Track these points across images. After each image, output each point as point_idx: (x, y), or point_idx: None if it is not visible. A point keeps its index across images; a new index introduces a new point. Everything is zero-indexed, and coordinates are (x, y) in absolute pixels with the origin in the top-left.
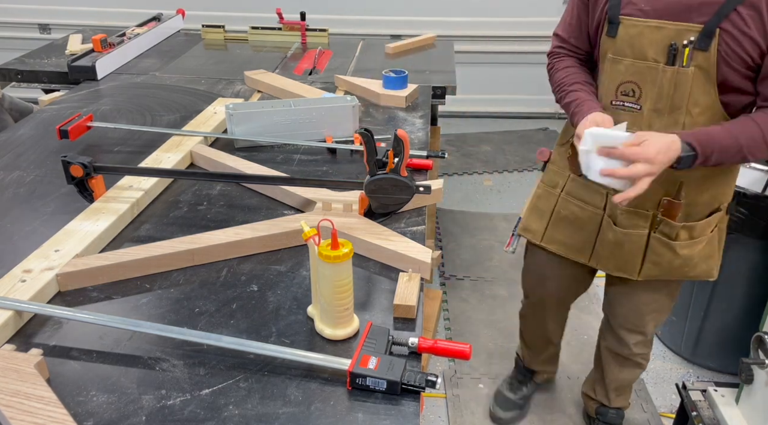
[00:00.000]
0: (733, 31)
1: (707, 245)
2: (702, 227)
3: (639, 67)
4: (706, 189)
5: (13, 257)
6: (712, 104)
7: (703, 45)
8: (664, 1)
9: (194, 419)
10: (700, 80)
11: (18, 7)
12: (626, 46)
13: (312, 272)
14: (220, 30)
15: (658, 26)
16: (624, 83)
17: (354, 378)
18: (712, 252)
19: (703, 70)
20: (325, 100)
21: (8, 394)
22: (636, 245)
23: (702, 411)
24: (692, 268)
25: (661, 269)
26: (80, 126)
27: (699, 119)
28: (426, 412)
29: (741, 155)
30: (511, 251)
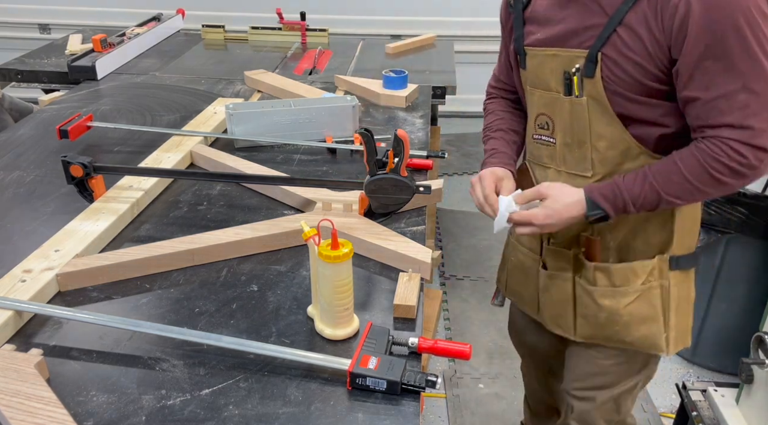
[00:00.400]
0: (614, 55)
1: (643, 304)
2: (624, 274)
3: (547, 99)
4: (641, 230)
5: (13, 257)
6: (619, 138)
7: (588, 72)
8: (556, 28)
9: (194, 419)
10: (597, 111)
11: (18, 7)
12: (534, 77)
13: (312, 272)
14: (220, 30)
15: (554, 54)
16: (539, 116)
17: (354, 378)
18: (653, 315)
19: (596, 99)
20: (325, 100)
21: (8, 394)
22: (563, 292)
23: (702, 411)
24: (625, 329)
25: (592, 326)
26: (80, 126)
27: (608, 154)
28: (426, 412)
29: (666, 201)
30: (498, 304)
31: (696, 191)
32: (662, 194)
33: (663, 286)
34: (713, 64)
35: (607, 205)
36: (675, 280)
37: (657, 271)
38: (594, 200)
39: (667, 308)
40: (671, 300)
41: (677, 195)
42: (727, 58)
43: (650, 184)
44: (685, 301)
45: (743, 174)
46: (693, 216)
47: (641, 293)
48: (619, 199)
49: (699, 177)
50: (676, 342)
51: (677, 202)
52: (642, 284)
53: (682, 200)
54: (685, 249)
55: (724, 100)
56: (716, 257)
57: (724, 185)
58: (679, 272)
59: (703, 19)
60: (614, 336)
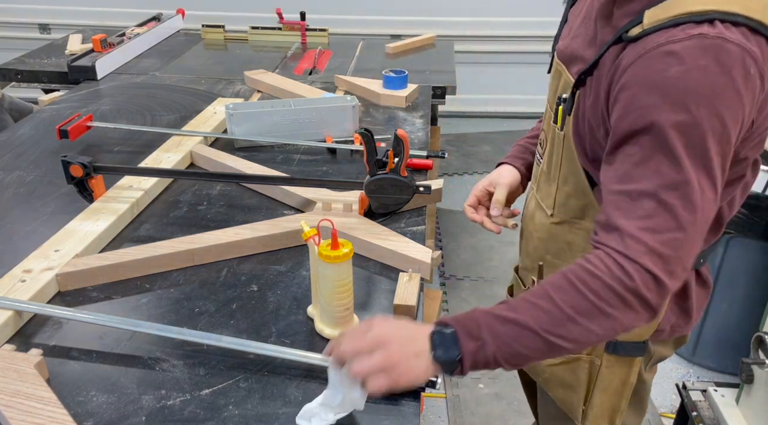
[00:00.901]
0: (583, 99)
1: (565, 370)
2: None
3: (546, 116)
4: None
5: (13, 257)
6: (582, 192)
7: (568, 108)
8: (570, 43)
9: (194, 419)
10: (568, 152)
11: (18, 7)
12: (549, 85)
13: (312, 273)
14: (220, 30)
15: (559, 71)
16: (542, 131)
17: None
18: (573, 384)
19: (568, 141)
20: (325, 100)
21: (8, 394)
22: None
23: (702, 411)
24: (545, 383)
25: (532, 368)
26: (80, 126)
27: (570, 202)
28: (426, 412)
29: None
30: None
31: (571, 324)
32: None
33: (592, 363)
34: (632, 152)
35: (457, 325)
36: (608, 362)
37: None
38: (443, 320)
39: (592, 385)
40: (599, 380)
41: (550, 330)
42: (647, 152)
43: (510, 320)
44: (620, 384)
45: (628, 304)
46: None
47: (565, 361)
48: (473, 323)
49: (571, 302)
50: (597, 419)
51: (555, 341)
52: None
53: (560, 337)
54: (630, 337)
55: (628, 200)
56: (716, 258)
57: (605, 316)
58: (615, 357)
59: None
60: (543, 381)
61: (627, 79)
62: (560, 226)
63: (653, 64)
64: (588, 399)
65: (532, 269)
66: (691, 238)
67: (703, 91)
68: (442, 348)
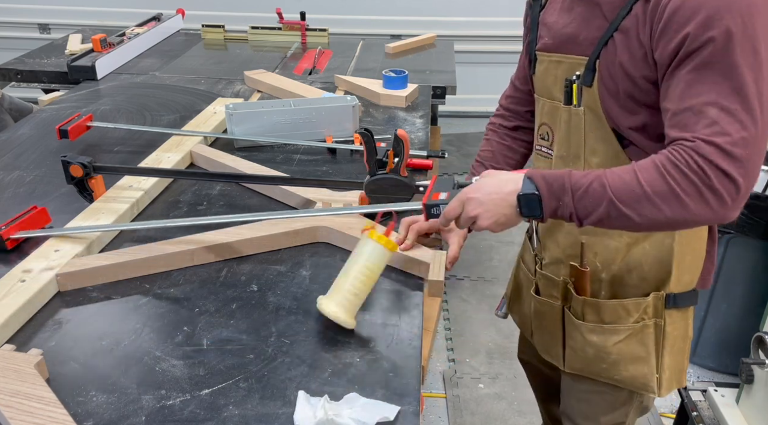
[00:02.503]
0: (610, 64)
1: (634, 343)
2: (615, 311)
3: (549, 108)
4: (636, 265)
5: (12, 257)
6: (613, 156)
7: (587, 80)
8: (561, 33)
9: (194, 419)
10: (593, 123)
11: (18, 7)
12: (540, 84)
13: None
14: (220, 30)
15: (558, 61)
16: (542, 126)
17: (429, 209)
18: (644, 355)
19: (593, 110)
20: (325, 100)
21: (8, 394)
22: (553, 321)
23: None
24: (613, 367)
25: (580, 360)
26: (80, 126)
27: None
28: (426, 412)
29: (611, 204)
30: (502, 315)
31: (646, 202)
32: (609, 190)
33: (657, 325)
34: (689, 71)
35: (543, 185)
36: (671, 318)
37: (651, 309)
38: (532, 177)
39: (661, 348)
40: (666, 340)
41: (625, 199)
42: (704, 66)
43: (598, 177)
44: (681, 340)
45: (704, 197)
46: (695, 251)
47: (633, 332)
48: (559, 183)
49: (652, 182)
50: (670, 383)
51: (626, 211)
52: (634, 322)
53: (632, 209)
54: (684, 286)
55: (692, 114)
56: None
57: (681, 204)
58: (675, 311)
59: (688, 15)
60: (602, 373)
61: (669, 13)
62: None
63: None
64: (659, 365)
65: (566, 258)
66: (757, 136)
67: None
68: (527, 207)
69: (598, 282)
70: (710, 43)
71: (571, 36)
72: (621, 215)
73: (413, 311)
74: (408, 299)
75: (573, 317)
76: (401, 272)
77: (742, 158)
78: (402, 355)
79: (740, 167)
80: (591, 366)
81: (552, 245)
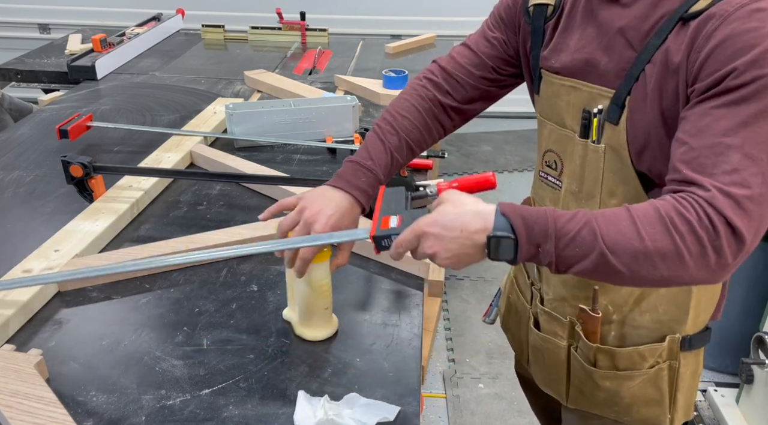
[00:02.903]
0: (641, 100)
1: (648, 386)
2: (630, 358)
3: (559, 136)
4: (649, 308)
5: (13, 257)
6: (634, 198)
7: (612, 117)
8: (571, 55)
9: (194, 419)
10: (615, 163)
11: (18, 7)
12: (547, 108)
13: (287, 275)
14: (219, 30)
15: (572, 86)
16: (548, 152)
17: (379, 241)
18: (658, 398)
19: (615, 150)
20: (325, 100)
21: (8, 394)
22: (556, 358)
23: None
24: (626, 410)
25: (587, 401)
26: (80, 126)
27: None
28: (426, 412)
29: (601, 254)
30: (489, 322)
31: (644, 258)
32: (601, 240)
33: (671, 367)
34: (720, 105)
35: (522, 227)
36: (685, 360)
37: (666, 352)
38: (508, 215)
39: (674, 389)
40: (680, 381)
41: (620, 253)
42: (740, 103)
43: (588, 222)
44: (691, 378)
45: (708, 259)
46: (713, 293)
47: (648, 377)
48: (540, 225)
49: (656, 237)
50: (680, 420)
51: (617, 266)
52: (649, 368)
53: (624, 264)
54: (699, 326)
55: (712, 154)
56: None
57: (680, 262)
58: (689, 353)
59: (739, 47)
60: (612, 415)
61: (715, 43)
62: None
63: (743, 23)
64: (672, 406)
65: (571, 298)
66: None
67: None
68: (497, 251)
69: (608, 324)
70: (756, 82)
71: (589, 62)
72: (611, 269)
73: (413, 311)
74: (408, 299)
75: (584, 362)
76: (401, 272)
77: (755, 215)
78: (402, 355)
79: (752, 225)
80: (599, 407)
81: (556, 281)
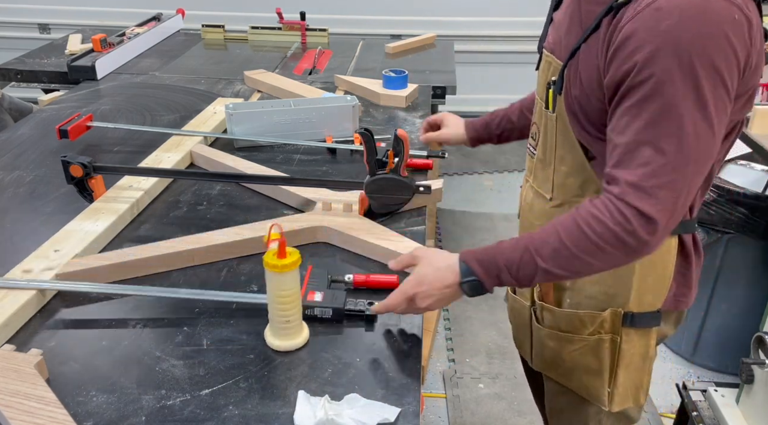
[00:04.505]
0: (574, 76)
1: (588, 355)
2: (570, 321)
3: (538, 108)
4: (598, 279)
5: (12, 257)
6: (580, 167)
7: (558, 87)
8: (555, 34)
9: (194, 419)
10: (563, 132)
11: (18, 7)
12: (538, 82)
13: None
14: (219, 30)
15: (549, 61)
16: (533, 124)
17: (303, 309)
18: (597, 368)
19: (561, 119)
20: (325, 100)
21: (8, 394)
22: (523, 319)
23: (702, 411)
24: (567, 374)
25: (543, 362)
26: (80, 126)
27: (568, 181)
28: (426, 412)
29: (544, 271)
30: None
31: (575, 260)
32: (538, 261)
33: (613, 341)
34: (632, 105)
35: (480, 269)
36: (628, 337)
37: (608, 324)
38: (467, 262)
39: (615, 364)
40: (621, 357)
41: (555, 264)
42: (644, 102)
43: (526, 247)
44: (639, 359)
45: (627, 244)
46: (658, 273)
47: (588, 344)
48: (493, 264)
49: (575, 241)
50: (623, 399)
51: (558, 273)
52: (589, 335)
53: (563, 269)
54: (645, 307)
55: (627, 151)
56: (716, 257)
57: (605, 253)
58: (633, 330)
59: (638, 45)
60: (558, 378)
61: (623, 37)
62: (561, 208)
63: (646, 21)
64: (612, 379)
65: None
66: (688, 180)
67: (695, 40)
68: (472, 291)
69: (562, 290)
70: (651, 79)
71: (560, 39)
72: (556, 276)
73: None
74: None
75: (535, 320)
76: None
77: (668, 200)
78: (402, 355)
79: (664, 209)
80: (549, 368)
81: None
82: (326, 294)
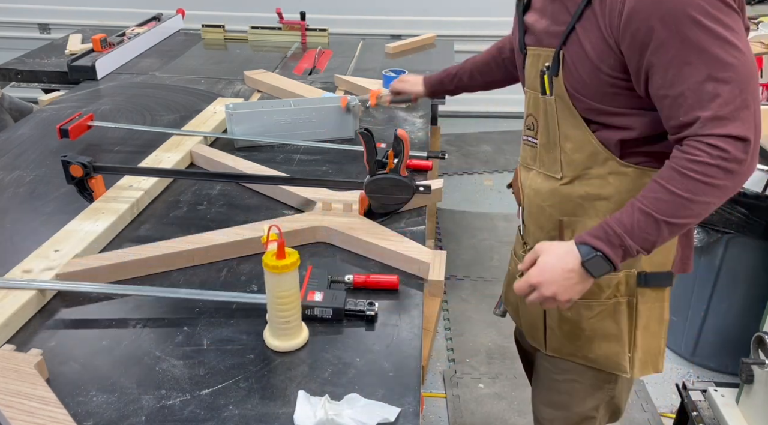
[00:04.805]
0: (573, 54)
1: (607, 320)
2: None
3: (533, 99)
4: None
5: (12, 257)
6: (585, 141)
7: (554, 70)
8: (539, 28)
9: (194, 419)
10: (564, 111)
11: (18, 7)
12: (527, 77)
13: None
14: (220, 30)
15: (537, 54)
16: (528, 116)
17: (303, 309)
18: (616, 333)
19: (562, 99)
20: (325, 100)
21: (8, 394)
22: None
23: (702, 411)
24: (587, 345)
25: (557, 339)
26: (80, 126)
27: (575, 157)
28: (426, 412)
29: (667, 224)
30: (500, 314)
31: (691, 204)
32: (657, 216)
33: (630, 303)
34: (671, 58)
35: (600, 243)
36: (644, 298)
37: (624, 286)
38: (585, 242)
39: (634, 326)
40: (639, 319)
41: (674, 214)
42: (685, 51)
43: (639, 209)
44: (656, 322)
45: (732, 171)
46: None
47: (606, 308)
48: (612, 234)
49: (685, 186)
50: (644, 365)
51: (680, 221)
52: (606, 299)
53: (684, 217)
54: (657, 266)
55: (691, 93)
56: (716, 257)
57: (717, 188)
58: (649, 290)
59: (652, 12)
60: (577, 352)
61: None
62: (571, 184)
63: None
64: (632, 344)
65: (549, 239)
66: (753, 94)
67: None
68: (596, 269)
69: None
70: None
71: (546, 30)
72: (678, 226)
73: (413, 311)
74: (408, 299)
75: None
76: (401, 272)
77: (748, 118)
78: (402, 355)
79: (749, 127)
80: (567, 344)
81: (535, 228)
82: (326, 294)
